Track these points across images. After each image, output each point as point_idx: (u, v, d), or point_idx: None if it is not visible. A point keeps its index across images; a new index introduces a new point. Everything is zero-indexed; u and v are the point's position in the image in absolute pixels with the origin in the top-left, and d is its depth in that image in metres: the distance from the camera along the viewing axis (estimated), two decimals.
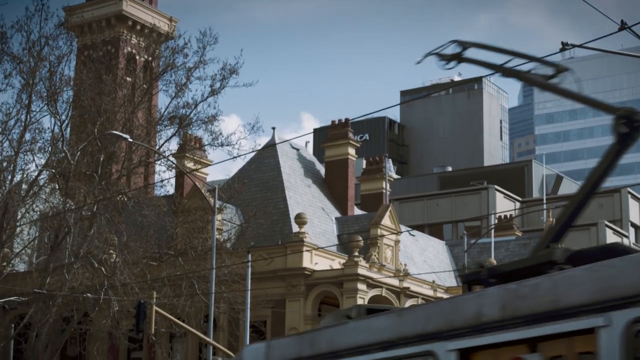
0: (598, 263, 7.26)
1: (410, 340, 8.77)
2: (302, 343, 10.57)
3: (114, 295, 38.24)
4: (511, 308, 7.71)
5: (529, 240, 60.75)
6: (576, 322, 7.03)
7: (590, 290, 7.06)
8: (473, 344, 8.02)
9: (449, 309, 8.59)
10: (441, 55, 10.37)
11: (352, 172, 53.45)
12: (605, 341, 6.77)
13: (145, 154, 44.40)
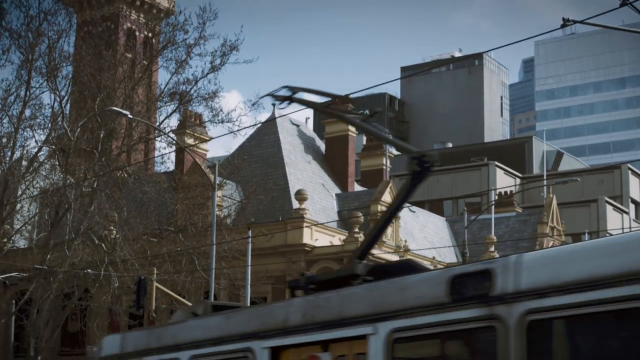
0: (372, 284, 9.29)
1: (234, 338, 10.70)
2: (150, 336, 12.63)
3: (114, 272, 38.30)
4: (310, 315, 9.67)
5: (529, 216, 60.78)
6: (354, 329, 9.03)
7: (365, 305, 9.03)
8: (282, 343, 9.97)
9: (265, 314, 10.63)
10: (275, 96, 11.92)
11: (352, 149, 53.42)
12: (373, 345, 8.70)
13: (146, 130, 44.34)
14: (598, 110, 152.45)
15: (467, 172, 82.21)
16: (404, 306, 8.58)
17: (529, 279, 7.61)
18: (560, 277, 7.30)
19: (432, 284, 8.44)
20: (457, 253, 57.00)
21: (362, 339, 8.87)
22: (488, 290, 7.83)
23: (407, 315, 8.49)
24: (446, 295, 8.16)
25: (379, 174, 55.10)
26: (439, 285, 8.29)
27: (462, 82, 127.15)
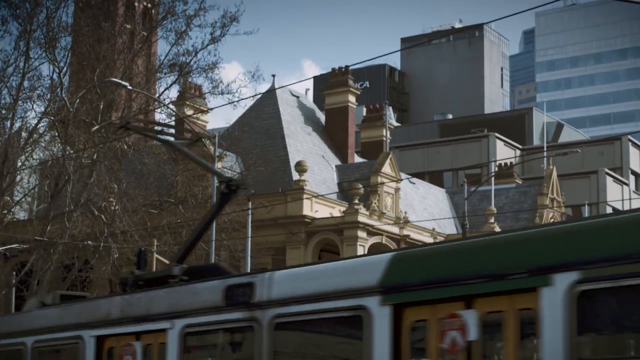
0: (171, 289, 11.73)
1: (69, 327, 13.06)
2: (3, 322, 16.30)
3: (114, 243, 38.31)
4: (126, 311, 12.17)
5: (529, 188, 60.77)
6: (157, 324, 11.44)
7: (166, 305, 11.51)
8: (105, 332, 12.43)
9: (92, 308, 13.19)
10: (112, 125, 15.43)
11: (352, 120, 53.32)
12: (170, 337, 11.30)
13: (145, 101, 44.20)
14: (599, 82, 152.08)
15: (467, 143, 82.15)
16: (194, 307, 11.05)
17: (277, 291, 10.10)
18: (297, 290, 9.85)
19: (213, 291, 10.85)
20: (457, 224, 57.04)
21: (163, 331, 11.35)
22: (250, 298, 10.33)
23: (196, 315, 10.96)
24: (222, 300, 10.67)
25: (379, 145, 55.05)
26: (218, 292, 10.75)
27: (462, 54, 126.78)
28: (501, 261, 8.13)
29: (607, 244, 7.38)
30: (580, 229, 7.83)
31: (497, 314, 8.01)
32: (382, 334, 8.74)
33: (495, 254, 8.28)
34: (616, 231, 7.46)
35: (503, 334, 7.97)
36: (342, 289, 9.29)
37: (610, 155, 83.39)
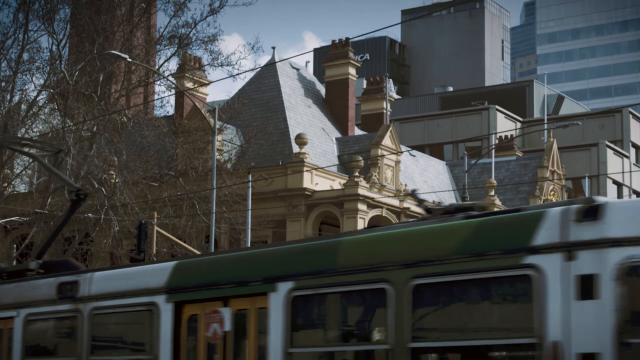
0: (18, 284, 13.72)
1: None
2: None
3: (114, 216, 38.33)
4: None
5: (529, 160, 60.75)
6: (5, 312, 13.55)
7: (13, 297, 13.59)
8: None
9: None
10: None
11: (352, 92, 53.21)
12: (16, 323, 13.37)
13: (145, 74, 44.09)
14: (600, 54, 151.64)
15: (467, 116, 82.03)
16: (35, 299, 13.18)
17: (95, 288, 12.40)
18: (109, 288, 12.30)
19: (50, 286, 13.01)
20: (457, 197, 57.05)
21: (11, 319, 13.48)
22: (75, 293, 12.63)
23: (36, 305, 13.15)
24: (56, 294, 12.88)
25: (379, 117, 54.97)
26: (53, 287, 12.95)
27: (463, 26, 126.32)
28: (246, 272, 10.81)
29: (313, 263, 10.08)
30: (298, 249, 10.64)
31: (243, 311, 10.66)
32: (167, 324, 11.36)
33: (242, 266, 10.99)
34: (318, 252, 10.23)
35: (247, 326, 10.60)
36: (140, 288, 11.86)
37: (611, 128, 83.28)
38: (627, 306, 7.86)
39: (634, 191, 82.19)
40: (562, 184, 59.99)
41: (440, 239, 9.18)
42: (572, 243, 8.22)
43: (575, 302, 8.08)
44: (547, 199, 57.14)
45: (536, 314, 8.22)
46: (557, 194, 58.67)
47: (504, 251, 8.59)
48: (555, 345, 8.10)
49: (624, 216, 8.19)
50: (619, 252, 7.97)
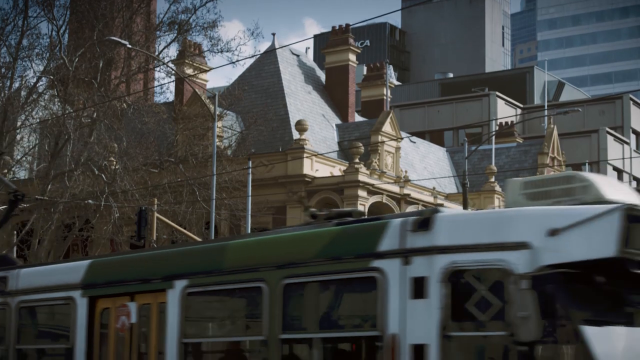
0: None
1: None
2: None
3: (114, 202, 38.33)
4: None
5: (529, 146, 60.73)
6: None
7: None
8: None
9: None
10: None
11: (352, 79, 53.15)
12: None
13: (145, 60, 44.03)
14: (600, 40, 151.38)
15: (467, 102, 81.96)
16: None
17: (22, 283, 13.66)
18: (34, 284, 13.49)
19: None
20: (457, 183, 57.04)
21: None
22: (5, 288, 13.79)
23: None
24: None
25: (379, 104, 54.92)
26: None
27: (463, 12, 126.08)
28: (149, 271, 12.08)
29: (203, 263, 11.37)
30: (192, 251, 11.97)
31: (147, 305, 11.87)
32: (82, 317, 12.59)
33: (146, 266, 12.28)
34: (208, 254, 11.66)
35: (150, 318, 11.81)
36: (60, 284, 13.05)
37: (611, 114, 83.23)
38: (449, 305, 9.01)
39: (634, 177, 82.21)
40: (563, 170, 60.00)
41: (306, 244, 10.46)
42: (408, 250, 9.38)
43: (410, 300, 9.27)
44: None
45: (379, 310, 9.40)
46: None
47: (355, 256, 9.86)
48: (394, 337, 9.29)
49: (450, 227, 9.32)
50: (444, 258, 9.13)
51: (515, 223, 9.06)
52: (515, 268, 8.72)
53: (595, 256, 8.59)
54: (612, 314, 8.95)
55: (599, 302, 8.89)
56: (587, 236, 8.64)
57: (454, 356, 9.02)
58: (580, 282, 8.72)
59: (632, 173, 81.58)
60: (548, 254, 8.69)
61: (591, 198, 9.34)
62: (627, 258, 8.55)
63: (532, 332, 8.46)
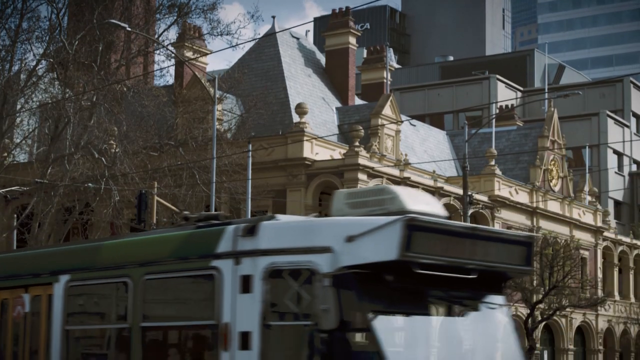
0: None
1: None
2: None
3: (114, 185, 38.34)
4: None
5: (529, 130, 60.68)
6: None
7: None
8: None
9: None
10: None
11: (352, 62, 53.05)
12: None
13: (144, 43, 43.95)
14: (601, 23, 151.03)
15: (468, 85, 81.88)
16: None
17: None
18: None
19: None
20: (457, 167, 57.03)
21: None
22: None
23: None
24: None
25: (379, 87, 54.84)
26: None
27: None
28: (40, 266, 13.80)
29: (83, 260, 13.05)
30: (74, 249, 13.96)
31: (38, 297, 13.46)
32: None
33: (37, 261, 14.15)
34: (87, 252, 13.42)
35: (41, 308, 13.39)
36: None
37: (612, 97, 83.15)
38: (269, 299, 10.61)
39: (634, 161, 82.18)
40: (563, 153, 59.97)
41: (163, 246, 12.24)
42: (238, 252, 10.99)
43: (239, 295, 10.87)
44: (547, 169, 57.13)
45: (216, 303, 11.03)
46: (558, 163, 58.66)
47: (199, 256, 11.55)
48: (226, 326, 10.89)
49: (271, 233, 10.90)
50: (265, 259, 10.72)
51: (321, 231, 10.69)
52: (320, 268, 10.26)
53: (382, 259, 10.06)
54: (399, 306, 10.58)
55: (388, 296, 10.41)
56: (376, 242, 10.11)
57: (272, 342, 10.63)
58: (371, 280, 10.19)
59: (632, 156, 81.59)
60: (346, 256, 10.21)
61: (396, 208, 10.84)
62: (407, 260, 10.01)
63: (331, 322, 9.94)
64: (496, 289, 11.40)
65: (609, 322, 61.83)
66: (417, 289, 10.54)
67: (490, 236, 11.15)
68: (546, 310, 47.29)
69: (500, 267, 11.09)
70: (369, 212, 10.94)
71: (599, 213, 61.82)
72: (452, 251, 10.48)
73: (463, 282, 10.66)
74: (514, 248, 11.30)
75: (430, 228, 10.31)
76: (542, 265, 47.57)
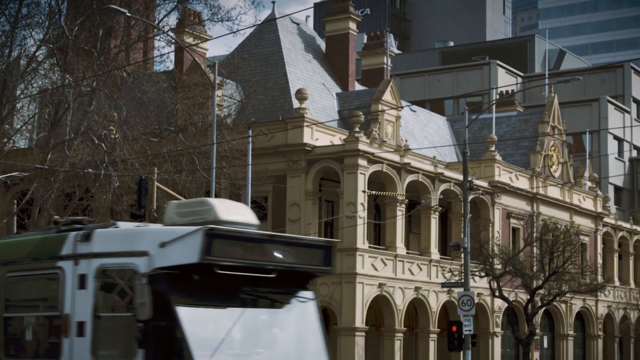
0: None
1: None
2: None
3: (114, 171, 38.32)
4: None
5: (530, 115, 60.62)
6: None
7: None
8: None
9: None
10: None
11: (352, 47, 52.96)
12: None
13: (144, 29, 43.86)
14: (602, 8, 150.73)
15: (468, 71, 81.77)
16: None
17: None
18: None
19: None
20: (457, 152, 57.01)
21: None
22: None
23: None
24: None
25: (379, 72, 54.76)
26: None
27: None
28: None
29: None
30: None
31: None
32: None
33: None
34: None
35: None
36: None
37: (612, 83, 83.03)
38: (99, 294, 12.72)
39: (634, 146, 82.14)
40: (563, 139, 59.94)
41: (22, 247, 14.36)
42: (77, 254, 13.08)
43: (77, 290, 12.95)
44: (548, 155, 57.10)
45: (60, 297, 13.13)
46: (558, 149, 58.63)
47: (48, 257, 13.55)
48: (67, 316, 12.97)
49: (103, 239, 13.01)
50: (97, 261, 12.85)
51: (141, 237, 12.85)
52: (139, 269, 12.31)
53: (187, 261, 12.09)
54: (205, 300, 12.48)
55: (196, 292, 12.34)
56: (182, 248, 12.15)
57: (102, 330, 12.72)
58: (180, 278, 12.16)
59: (632, 142, 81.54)
60: (159, 259, 12.27)
61: (212, 218, 12.76)
62: (207, 263, 12.02)
63: (146, 313, 11.95)
64: (301, 285, 13.38)
65: (609, 307, 61.92)
66: (222, 286, 12.49)
67: (289, 241, 13.21)
68: (546, 296, 47.34)
69: (300, 268, 13.11)
70: (191, 221, 12.82)
71: (599, 199, 61.84)
72: (252, 254, 12.52)
73: (266, 280, 12.68)
74: (314, 251, 13.34)
75: (229, 236, 12.35)
76: (542, 251, 47.63)
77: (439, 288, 45.42)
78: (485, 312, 50.31)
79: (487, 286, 46.30)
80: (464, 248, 39.05)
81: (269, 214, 44.01)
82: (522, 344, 45.85)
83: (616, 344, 63.79)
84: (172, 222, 13.21)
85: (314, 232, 43.16)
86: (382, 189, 44.31)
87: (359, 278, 42.35)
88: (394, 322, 44.51)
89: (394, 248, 44.66)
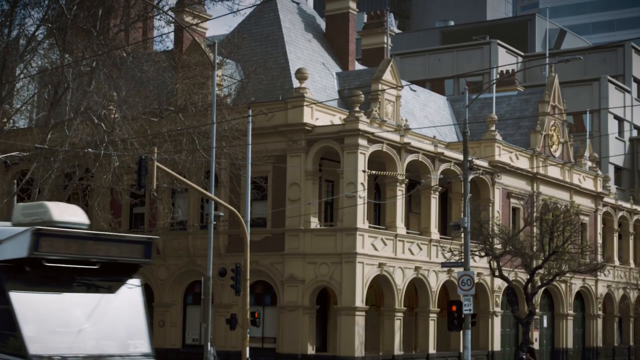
0: None
1: None
2: None
3: (114, 151, 38.30)
4: None
5: (530, 95, 60.53)
6: None
7: None
8: None
9: None
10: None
11: (352, 27, 52.80)
12: None
13: (144, 8, 43.73)
14: None
15: (468, 50, 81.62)
16: None
17: None
18: None
19: None
20: (457, 132, 56.95)
21: None
22: None
23: None
24: None
25: (379, 52, 54.62)
26: None
27: None
28: None
29: None
30: None
31: None
32: None
33: None
34: None
35: None
36: None
37: (613, 62, 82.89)
38: None
39: (634, 126, 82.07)
40: (563, 119, 59.86)
41: None
42: None
43: None
44: (548, 134, 57.05)
45: None
46: (558, 129, 58.58)
47: None
48: None
49: None
50: None
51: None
52: None
53: (19, 256, 14.37)
54: (37, 288, 14.60)
55: (29, 282, 14.50)
56: (15, 245, 14.44)
57: None
58: (15, 270, 14.40)
59: (632, 121, 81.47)
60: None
61: (47, 218, 15.07)
62: (35, 257, 14.34)
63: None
64: (126, 274, 15.75)
65: (609, 287, 62.04)
66: (54, 276, 14.68)
67: (111, 238, 15.86)
68: (546, 275, 47.43)
69: (121, 260, 15.48)
70: (32, 221, 15.09)
71: (599, 178, 61.84)
72: (77, 249, 14.84)
73: (91, 271, 15.07)
74: (136, 246, 15.74)
75: (55, 235, 14.67)
76: (542, 230, 47.67)
77: (439, 268, 45.49)
78: (485, 291, 50.41)
79: (487, 266, 46.38)
80: (464, 228, 39.08)
81: (269, 194, 44.01)
82: (521, 323, 45.97)
83: (616, 323, 63.94)
84: (18, 221, 15.54)
85: (314, 212, 43.18)
86: (382, 168, 44.28)
87: (359, 258, 42.39)
88: (394, 301, 44.58)
89: (394, 228, 44.68)
